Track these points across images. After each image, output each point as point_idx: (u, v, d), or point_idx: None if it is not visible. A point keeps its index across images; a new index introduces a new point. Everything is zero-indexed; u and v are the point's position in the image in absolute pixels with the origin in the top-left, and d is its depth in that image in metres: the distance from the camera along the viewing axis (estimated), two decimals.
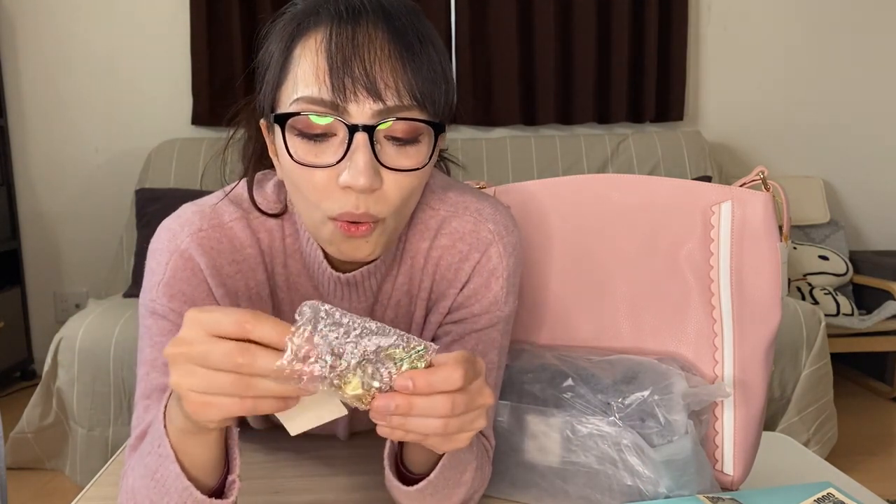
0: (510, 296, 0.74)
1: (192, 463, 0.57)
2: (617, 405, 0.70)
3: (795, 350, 2.06)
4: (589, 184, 0.81)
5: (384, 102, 0.58)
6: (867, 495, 0.74)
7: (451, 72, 0.63)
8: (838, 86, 3.09)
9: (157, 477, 0.58)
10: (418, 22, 0.61)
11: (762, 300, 0.73)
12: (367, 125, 0.57)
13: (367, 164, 0.57)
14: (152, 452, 0.59)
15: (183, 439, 0.56)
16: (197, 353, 0.48)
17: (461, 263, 0.73)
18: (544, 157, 2.81)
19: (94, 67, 2.89)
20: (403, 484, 0.63)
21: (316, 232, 0.64)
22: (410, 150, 0.60)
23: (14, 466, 2.06)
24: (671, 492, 0.67)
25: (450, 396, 0.50)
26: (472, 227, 0.73)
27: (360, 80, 0.57)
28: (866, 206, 3.15)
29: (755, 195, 0.73)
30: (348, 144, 0.58)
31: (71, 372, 1.96)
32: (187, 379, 0.48)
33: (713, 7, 3.04)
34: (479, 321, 0.73)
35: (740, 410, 0.74)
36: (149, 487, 0.59)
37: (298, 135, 0.59)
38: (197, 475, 0.58)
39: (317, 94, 0.58)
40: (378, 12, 0.59)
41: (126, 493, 0.63)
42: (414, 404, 0.49)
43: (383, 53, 0.58)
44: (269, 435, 0.90)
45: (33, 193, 2.93)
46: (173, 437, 0.56)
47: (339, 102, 0.57)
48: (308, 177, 0.59)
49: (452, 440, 0.53)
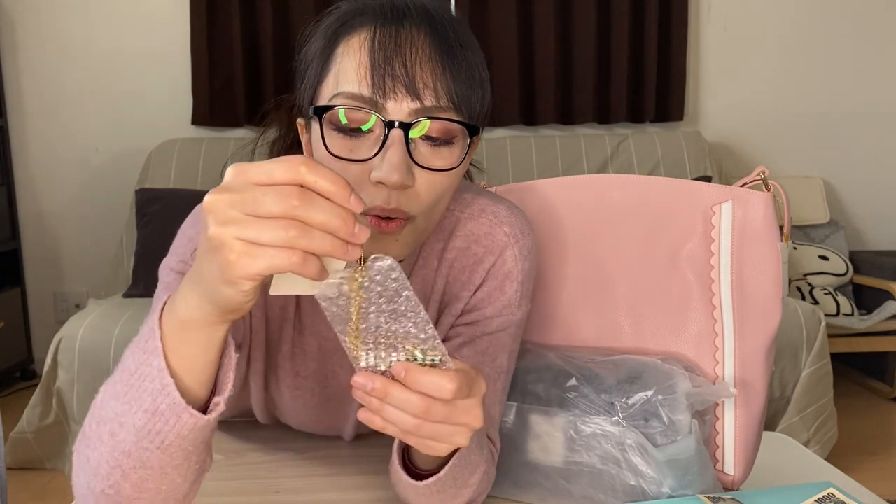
0: (523, 300, 0.74)
1: (180, 365, 0.51)
2: (620, 405, 0.70)
3: (795, 350, 2.06)
4: (589, 184, 0.81)
5: (422, 102, 0.59)
6: (867, 495, 0.74)
7: (488, 78, 0.65)
8: (838, 86, 3.09)
9: (132, 380, 0.52)
10: (460, 27, 0.63)
11: (763, 300, 0.73)
12: (403, 123, 0.58)
13: (400, 161, 0.58)
14: (134, 353, 0.53)
15: (180, 335, 0.50)
16: (245, 199, 0.43)
17: (476, 266, 0.73)
18: (544, 157, 2.81)
19: (95, 67, 2.89)
20: (412, 479, 0.63)
21: None
22: (444, 151, 0.61)
23: (14, 466, 2.06)
24: (674, 492, 0.67)
25: (428, 400, 0.49)
26: (488, 229, 0.73)
27: (399, 79, 0.58)
28: (866, 206, 3.15)
29: (756, 195, 0.73)
30: (384, 141, 0.59)
31: (71, 372, 1.96)
32: (232, 227, 0.43)
33: (713, 7, 3.04)
34: (491, 324, 0.72)
35: (741, 410, 0.74)
36: (118, 396, 0.53)
37: (335, 129, 0.60)
38: (181, 381, 0.51)
39: (356, 90, 0.59)
40: (422, 15, 0.61)
41: (90, 413, 0.56)
42: (389, 392, 0.49)
43: (424, 54, 0.59)
44: (269, 435, 0.90)
45: (33, 193, 2.93)
46: (168, 331, 0.51)
47: (378, 99, 0.58)
48: (341, 171, 0.60)
49: (426, 444, 0.52)
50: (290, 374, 0.75)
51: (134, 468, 0.53)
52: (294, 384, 0.76)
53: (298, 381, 0.75)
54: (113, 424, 0.53)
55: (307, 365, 0.75)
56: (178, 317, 0.50)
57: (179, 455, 0.53)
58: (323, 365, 0.76)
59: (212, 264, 0.45)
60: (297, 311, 0.74)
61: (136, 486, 0.54)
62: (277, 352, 0.74)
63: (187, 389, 0.51)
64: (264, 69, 2.85)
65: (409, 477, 0.63)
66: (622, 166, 2.81)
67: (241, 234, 0.42)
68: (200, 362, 0.51)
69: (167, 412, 0.50)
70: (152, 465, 0.53)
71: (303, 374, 0.75)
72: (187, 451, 0.53)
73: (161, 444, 0.51)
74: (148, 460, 0.52)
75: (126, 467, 0.53)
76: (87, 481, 0.55)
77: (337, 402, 0.79)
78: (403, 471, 0.64)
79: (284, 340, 0.74)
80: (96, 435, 0.54)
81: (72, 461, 0.59)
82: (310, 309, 0.73)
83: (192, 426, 0.51)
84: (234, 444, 0.88)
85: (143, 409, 0.51)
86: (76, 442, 0.57)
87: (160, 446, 0.51)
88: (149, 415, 0.51)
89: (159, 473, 0.53)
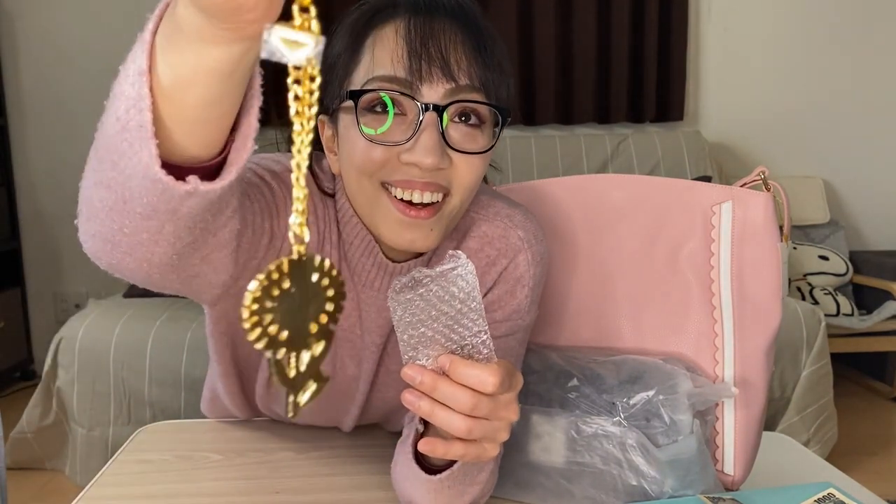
0: (533, 305, 0.74)
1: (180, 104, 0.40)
2: (622, 405, 0.70)
3: (795, 350, 2.06)
4: (589, 183, 0.81)
5: (456, 81, 0.60)
6: (867, 495, 0.74)
7: (511, 73, 0.67)
8: (839, 86, 3.09)
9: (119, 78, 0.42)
10: (487, 22, 0.65)
11: (763, 300, 0.73)
12: (438, 106, 0.60)
13: (435, 143, 0.59)
14: (120, 84, 0.42)
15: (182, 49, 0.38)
16: None
17: (488, 268, 0.73)
18: (544, 157, 2.81)
19: (94, 68, 2.89)
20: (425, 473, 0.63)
21: (371, 211, 0.64)
22: (476, 133, 0.63)
23: (14, 466, 2.06)
24: (676, 492, 0.67)
25: (475, 395, 0.50)
26: (502, 232, 0.73)
27: (435, 62, 0.59)
28: (866, 206, 3.14)
29: (756, 195, 0.73)
30: (418, 124, 0.60)
31: (71, 372, 1.96)
32: None
33: (713, 7, 3.03)
34: (500, 328, 0.72)
35: (741, 411, 0.74)
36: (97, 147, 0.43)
37: (369, 111, 0.61)
38: (174, 133, 0.41)
39: (391, 73, 0.60)
40: (454, 8, 0.63)
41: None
42: (437, 387, 0.50)
43: (457, 39, 0.61)
44: (269, 435, 0.90)
45: (33, 193, 2.93)
46: (165, 35, 0.39)
47: (414, 81, 0.59)
48: (371, 154, 0.61)
49: (476, 450, 0.53)
50: None
51: (99, 182, 0.45)
52: None
53: None
54: (103, 119, 0.44)
55: None
56: (169, 17, 0.39)
57: (137, 200, 0.43)
58: (334, 354, 0.76)
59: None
60: None
61: (102, 206, 0.46)
62: None
63: (176, 143, 0.42)
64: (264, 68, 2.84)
65: (422, 471, 0.62)
66: (622, 166, 2.81)
67: None
68: (181, 104, 0.40)
69: (133, 132, 0.41)
70: (113, 190, 0.44)
71: None
72: (143, 200, 0.43)
73: (122, 169, 0.42)
74: (111, 183, 0.44)
75: (97, 175, 0.45)
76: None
77: (341, 393, 0.79)
78: (419, 465, 0.63)
79: None
80: (101, 123, 0.45)
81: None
82: None
83: (145, 168, 0.41)
84: (235, 444, 0.88)
85: (117, 116, 0.41)
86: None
87: (121, 172, 0.42)
88: (119, 128, 0.41)
89: (119, 207, 0.45)
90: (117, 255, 0.50)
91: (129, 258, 0.50)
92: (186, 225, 0.47)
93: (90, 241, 0.51)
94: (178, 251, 0.50)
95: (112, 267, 0.52)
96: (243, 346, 0.77)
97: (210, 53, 0.38)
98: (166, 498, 0.75)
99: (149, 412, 1.94)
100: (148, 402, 1.94)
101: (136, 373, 1.93)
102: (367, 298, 0.73)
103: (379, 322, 0.74)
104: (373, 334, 0.74)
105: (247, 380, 0.81)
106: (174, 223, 0.47)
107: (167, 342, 1.94)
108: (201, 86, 0.40)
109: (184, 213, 0.45)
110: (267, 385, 0.79)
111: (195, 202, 0.44)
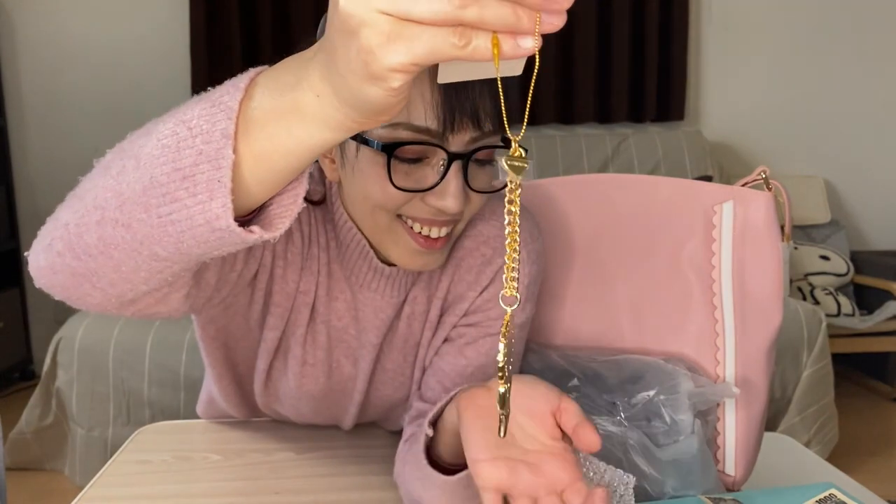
0: (528, 303, 0.75)
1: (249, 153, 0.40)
2: (623, 405, 0.70)
3: (796, 350, 2.06)
4: (590, 183, 0.81)
5: (482, 129, 0.60)
6: (868, 496, 0.74)
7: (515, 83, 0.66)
8: (839, 85, 3.09)
9: (180, 130, 0.41)
10: None
11: (764, 300, 0.72)
12: (463, 153, 0.60)
13: (459, 191, 0.61)
14: (201, 103, 0.42)
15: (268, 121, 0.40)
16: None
17: (483, 267, 0.73)
18: (544, 157, 2.81)
19: (94, 67, 2.89)
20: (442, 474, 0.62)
21: (381, 238, 0.66)
22: (489, 169, 0.65)
23: (13, 467, 2.06)
24: (677, 492, 0.67)
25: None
26: (498, 231, 0.73)
27: (466, 111, 0.59)
28: (867, 206, 3.14)
29: (757, 195, 0.73)
30: (445, 171, 0.61)
31: (70, 372, 1.95)
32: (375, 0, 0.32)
33: (713, 7, 3.03)
34: (495, 326, 0.73)
35: (742, 411, 0.74)
36: (153, 135, 0.43)
37: (394, 158, 0.61)
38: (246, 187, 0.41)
39: (423, 124, 0.59)
40: None
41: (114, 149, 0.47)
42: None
43: (483, 82, 0.59)
44: (269, 435, 0.90)
45: (33, 193, 2.93)
46: (257, 106, 0.40)
47: (446, 132, 0.59)
48: (395, 196, 0.62)
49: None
50: (298, 361, 0.75)
51: (115, 222, 0.44)
52: (301, 372, 0.75)
53: (306, 368, 0.75)
54: (131, 162, 0.43)
55: (316, 353, 0.75)
56: (283, 95, 0.39)
57: (171, 245, 0.43)
58: (329, 354, 0.76)
59: (348, 51, 0.34)
60: (315, 297, 0.74)
61: (102, 244, 0.45)
62: (292, 334, 0.74)
63: (240, 195, 0.42)
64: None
65: (437, 472, 0.61)
66: (623, 166, 2.81)
67: (389, 7, 0.32)
68: (268, 167, 0.41)
69: (202, 186, 0.40)
70: (135, 233, 0.44)
71: (310, 362, 0.75)
72: (181, 247, 0.43)
73: (166, 214, 0.42)
74: (135, 224, 0.43)
75: (109, 215, 0.44)
76: (60, 209, 0.48)
77: (339, 392, 0.79)
78: (432, 467, 0.62)
79: (300, 323, 0.74)
80: (105, 164, 0.46)
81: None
82: (325, 297, 0.73)
83: (213, 218, 0.41)
84: (234, 444, 0.88)
85: (176, 167, 0.41)
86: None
87: (161, 216, 0.42)
88: (179, 178, 0.41)
89: (133, 249, 0.44)
90: (87, 288, 0.49)
91: (101, 293, 0.49)
92: (197, 262, 0.48)
93: (55, 276, 0.49)
94: (164, 285, 0.50)
95: (72, 300, 0.51)
96: (238, 348, 0.76)
97: (324, 135, 0.39)
98: (166, 498, 0.75)
99: (148, 412, 1.94)
100: (147, 403, 1.94)
101: (135, 373, 1.93)
102: (363, 299, 0.73)
103: (376, 322, 0.74)
104: (369, 334, 0.74)
105: (244, 381, 0.81)
106: (189, 263, 0.47)
107: (166, 342, 1.94)
108: (300, 158, 0.41)
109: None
110: (265, 385, 0.79)
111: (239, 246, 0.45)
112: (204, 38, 2.81)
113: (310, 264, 0.72)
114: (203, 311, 0.71)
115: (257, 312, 0.72)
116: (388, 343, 0.76)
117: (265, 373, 0.77)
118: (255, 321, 0.73)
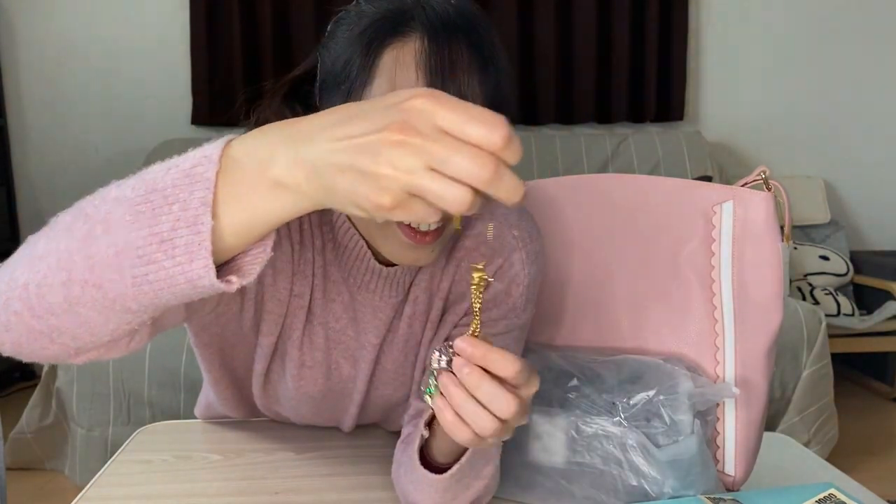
0: (528, 304, 0.75)
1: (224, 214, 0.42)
2: (622, 405, 0.70)
3: (796, 350, 2.06)
4: (590, 183, 0.81)
5: None
6: (868, 496, 0.74)
7: (512, 79, 0.66)
8: (839, 86, 3.09)
9: (153, 197, 0.43)
10: (492, 32, 0.63)
11: (764, 300, 0.72)
12: None
13: None
14: (171, 171, 0.43)
15: (240, 188, 0.41)
16: (433, 152, 0.37)
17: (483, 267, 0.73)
18: (544, 157, 2.81)
19: (94, 67, 2.89)
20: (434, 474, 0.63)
21: (374, 232, 0.66)
22: None
23: (13, 467, 2.06)
24: (676, 492, 0.67)
25: (520, 401, 0.50)
26: (498, 231, 0.73)
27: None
28: (867, 206, 3.14)
29: (757, 195, 0.73)
30: None
31: (70, 372, 1.95)
32: (403, 175, 0.36)
33: (713, 7, 3.03)
34: (495, 326, 0.73)
35: (742, 411, 0.74)
36: (124, 203, 0.43)
37: None
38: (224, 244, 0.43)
39: None
40: (466, 26, 0.61)
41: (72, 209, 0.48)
42: (481, 385, 0.49)
43: (471, 68, 0.59)
44: (269, 435, 0.90)
45: (33, 193, 2.93)
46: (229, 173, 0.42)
47: None
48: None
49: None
50: (296, 363, 0.75)
51: (85, 282, 0.44)
52: (299, 374, 0.76)
53: (304, 371, 0.75)
54: (98, 227, 0.44)
55: (314, 355, 0.75)
56: (263, 172, 0.41)
57: (146, 300, 0.44)
58: (328, 355, 0.76)
59: (351, 178, 0.38)
60: (311, 299, 0.74)
61: (67, 303, 0.45)
62: (288, 337, 0.74)
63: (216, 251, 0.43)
64: (264, 68, 2.85)
65: (428, 472, 0.63)
66: (622, 166, 2.81)
67: (410, 186, 0.37)
68: (247, 232, 0.43)
69: (180, 249, 0.41)
70: (107, 292, 0.44)
71: (308, 364, 0.75)
72: (157, 301, 0.44)
73: (142, 275, 0.42)
74: (107, 284, 0.43)
75: (77, 276, 0.44)
76: (14, 269, 0.48)
77: (338, 393, 0.79)
78: (425, 468, 0.63)
79: (296, 327, 0.74)
80: (65, 227, 0.47)
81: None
82: (321, 300, 0.73)
83: (195, 278, 0.42)
84: (234, 444, 0.88)
85: (153, 231, 0.42)
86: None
87: (136, 276, 0.42)
88: (156, 241, 0.42)
89: (104, 306, 0.45)
90: (44, 343, 0.48)
91: (59, 347, 0.49)
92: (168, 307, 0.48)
93: (6, 334, 0.48)
94: (126, 335, 0.50)
95: (22, 355, 0.50)
96: (234, 352, 0.77)
97: (304, 205, 0.41)
98: (166, 498, 0.75)
99: (148, 412, 1.94)
100: (147, 403, 1.94)
101: (135, 373, 1.93)
102: (362, 300, 0.73)
103: (375, 323, 0.74)
104: (369, 334, 0.75)
105: (242, 385, 0.81)
106: (159, 310, 0.47)
107: (166, 343, 1.94)
108: (280, 221, 0.43)
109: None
110: (264, 387, 0.79)
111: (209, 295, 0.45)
112: (204, 38, 2.81)
113: (303, 268, 0.72)
114: (193, 320, 0.71)
115: (250, 319, 0.72)
116: (389, 343, 0.76)
117: (263, 375, 0.77)
118: (248, 327, 0.73)
